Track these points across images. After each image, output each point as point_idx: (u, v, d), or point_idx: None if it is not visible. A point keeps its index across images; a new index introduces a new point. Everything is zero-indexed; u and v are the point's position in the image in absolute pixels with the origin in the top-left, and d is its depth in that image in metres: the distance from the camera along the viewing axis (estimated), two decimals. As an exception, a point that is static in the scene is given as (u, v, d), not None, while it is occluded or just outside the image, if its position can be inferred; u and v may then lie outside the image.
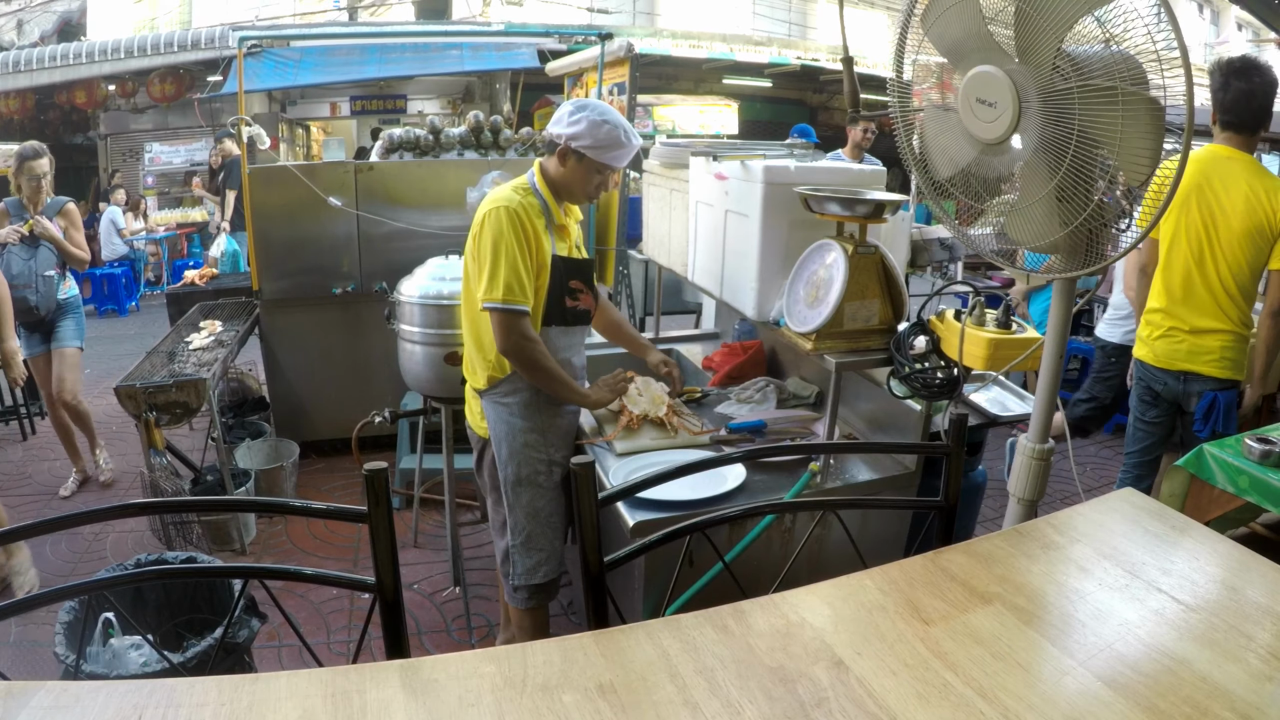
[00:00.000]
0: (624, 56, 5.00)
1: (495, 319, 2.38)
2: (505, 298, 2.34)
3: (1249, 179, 2.95)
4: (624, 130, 2.40)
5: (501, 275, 2.33)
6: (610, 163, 2.44)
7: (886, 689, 1.07)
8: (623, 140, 2.40)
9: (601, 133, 2.37)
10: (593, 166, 2.44)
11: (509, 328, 2.37)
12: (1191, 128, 1.49)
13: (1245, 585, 1.29)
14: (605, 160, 2.42)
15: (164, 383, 3.63)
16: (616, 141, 2.39)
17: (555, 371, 2.45)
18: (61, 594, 1.44)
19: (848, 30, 2.42)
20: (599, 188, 2.53)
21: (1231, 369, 3.07)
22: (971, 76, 1.79)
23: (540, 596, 2.64)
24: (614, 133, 2.38)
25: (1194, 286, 3.08)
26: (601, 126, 2.37)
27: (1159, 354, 3.22)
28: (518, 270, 2.34)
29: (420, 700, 1.04)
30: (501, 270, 2.34)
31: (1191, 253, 3.08)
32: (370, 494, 1.28)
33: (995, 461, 4.87)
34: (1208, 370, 3.08)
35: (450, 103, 13.14)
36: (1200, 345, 3.09)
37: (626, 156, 2.46)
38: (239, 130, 4.67)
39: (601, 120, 2.37)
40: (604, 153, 2.40)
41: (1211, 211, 3.00)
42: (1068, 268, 1.82)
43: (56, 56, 10.73)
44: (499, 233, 2.35)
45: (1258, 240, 2.96)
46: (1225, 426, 3.05)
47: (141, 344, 7.08)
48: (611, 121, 2.38)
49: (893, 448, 2.65)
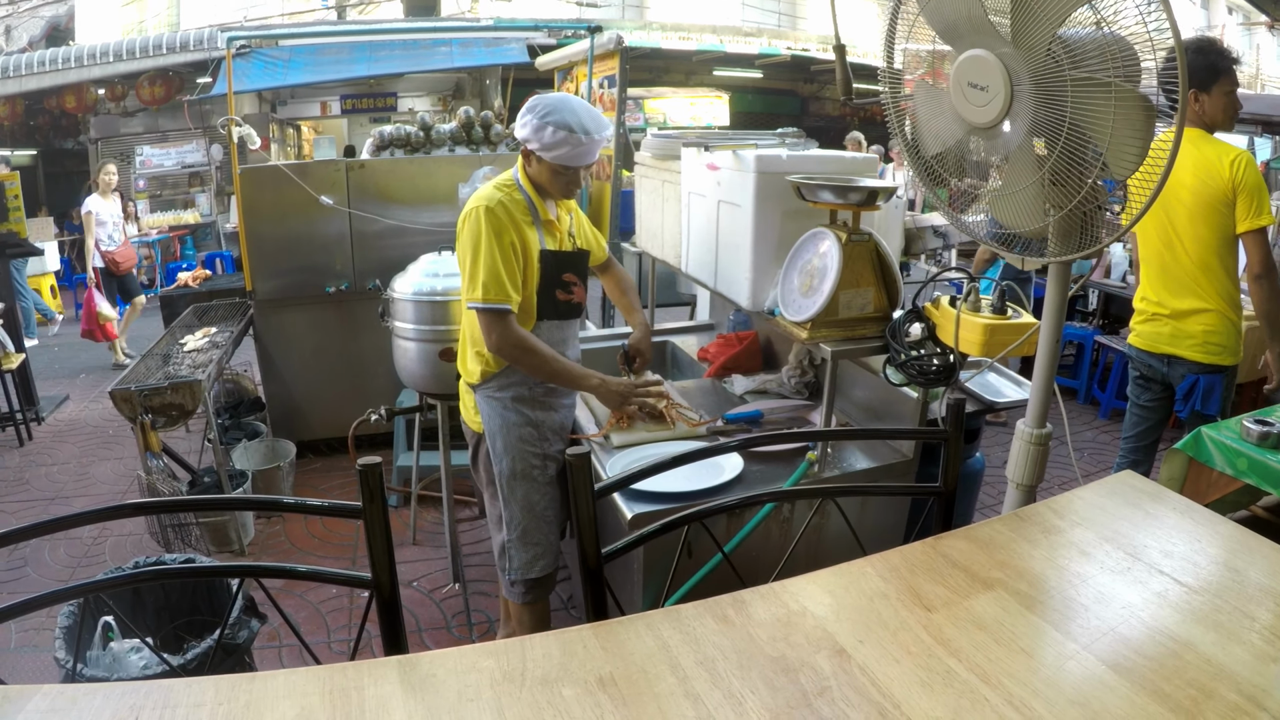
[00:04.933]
0: (613, 50, 4.98)
1: (480, 319, 2.38)
2: (485, 297, 2.33)
3: (1194, 150, 2.92)
4: (572, 129, 2.31)
5: (480, 275, 2.33)
6: (565, 163, 2.37)
7: (890, 677, 1.06)
8: (571, 140, 2.32)
9: (546, 135, 2.31)
10: (552, 167, 2.40)
11: (491, 327, 2.37)
12: (1185, 114, 1.49)
13: (1247, 566, 1.29)
14: (560, 161, 2.36)
15: (159, 385, 3.61)
16: (564, 141, 2.32)
17: (551, 360, 2.44)
18: (59, 596, 1.43)
19: (838, 19, 2.40)
20: (569, 185, 2.47)
21: (1216, 353, 3.05)
22: (963, 60, 1.78)
23: (538, 591, 2.64)
24: (559, 134, 2.30)
25: (1167, 268, 3.10)
26: (545, 129, 2.31)
27: (1144, 338, 3.24)
28: (495, 269, 2.33)
29: (419, 696, 1.03)
30: (480, 270, 2.33)
31: (1158, 235, 3.09)
32: (364, 489, 1.27)
33: (993, 449, 4.87)
34: (1190, 355, 3.09)
35: (441, 99, 13.11)
36: (1182, 329, 3.10)
37: (585, 154, 2.38)
38: (229, 131, 4.64)
39: (544, 122, 2.31)
40: (554, 154, 2.35)
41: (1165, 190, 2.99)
42: (1060, 252, 1.82)
43: (45, 61, 10.70)
44: (476, 233, 2.34)
45: (1217, 209, 2.93)
46: (1204, 406, 3.06)
47: (136, 347, 7.09)
48: (556, 122, 2.31)
49: (891, 433, 2.65)
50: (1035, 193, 1.72)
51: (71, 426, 5.94)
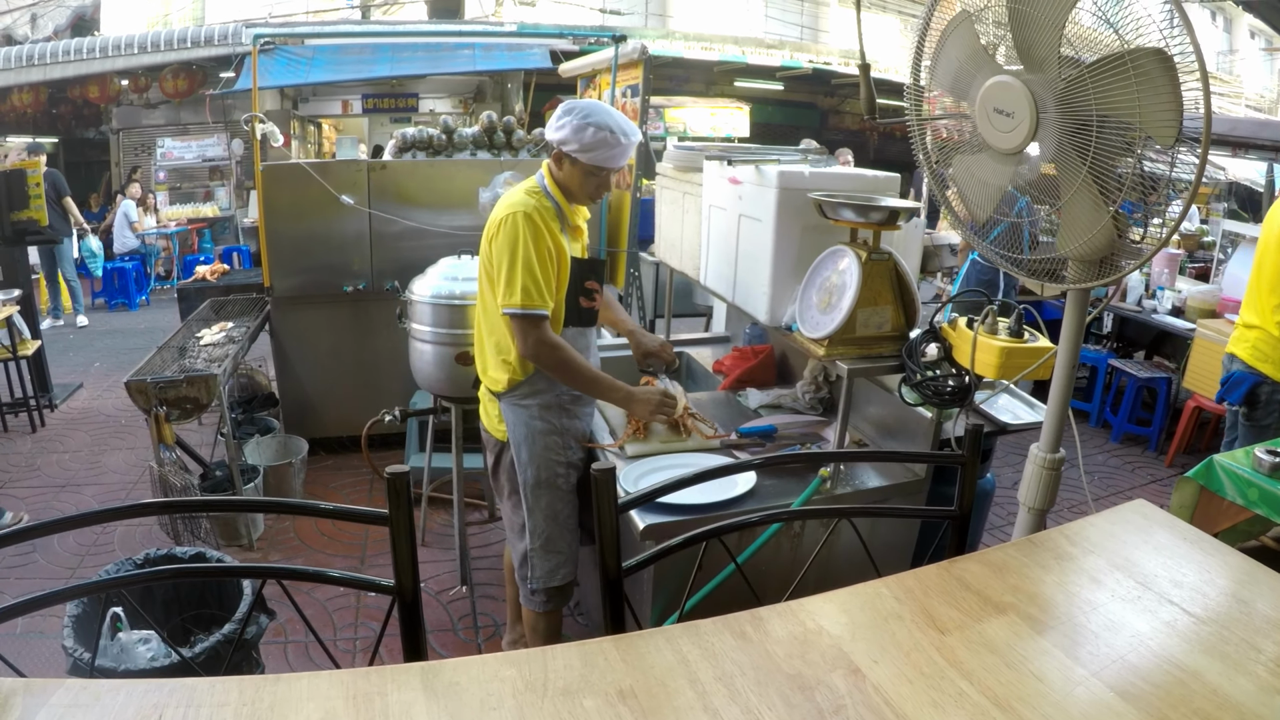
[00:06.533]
0: (638, 59, 5.00)
1: (516, 325, 2.37)
2: (524, 303, 2.33)
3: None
4: (612, 130, 2.35)
5: (519, 280, 2.32)
6: (602, 164, 2.40)
7: (903, 697, 1.08)
8: (611, 140, 2.35)
9: (587, 136, 2.33)
10: (586, 169, 2.41)
11: (527, 333, 2.36)
12: (1209, 131, 1.50)
13: (1255, 598, 1.30)
14: (597, 162, 2.39)
15: (175, 378, 3.64)
16: (604, 143, 2.35)
17: (585, 368, 2.45)
18: (73, 592, 1.45)
19: (863, 36, 2.42)
20: (599, 188, 2.49)
21: (1257, 359, 3.32)
22: (986, 88, 1.80)
23: (558, 599, 2.65)
24: (600, 135, 2.33)
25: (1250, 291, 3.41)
26: (586, 130, 2.33)
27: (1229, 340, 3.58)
28: (535, 275, 2.33)
29: (442, 703, 1.05)
30: (519, 275, 2.32)
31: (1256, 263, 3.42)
32: (392, 496, 1.29)
33: (1004, 470, 4.88)
34: (1240, 353, 3.41)
35: (461, 102, 13.15)
36: (1243, 335, 3.42)
37: (621, 156, 2.41)
38: (252, 127, 4.68)
39: (585, 123, 2.33)
40: (593, 155, 2.36)
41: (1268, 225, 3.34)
42: (1080, 279, 1.83)
43: (70, 51, 10.77)
44: (515, 238, 2.33)
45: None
46: (1227, 397, 3.45)
47: (151, 339, 7.14)
48: (597, 123, 2.34)
49: (908, 457, 2.66)
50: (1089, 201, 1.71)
51: (84, 415, 5.98)
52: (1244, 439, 3.38)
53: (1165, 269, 6.02)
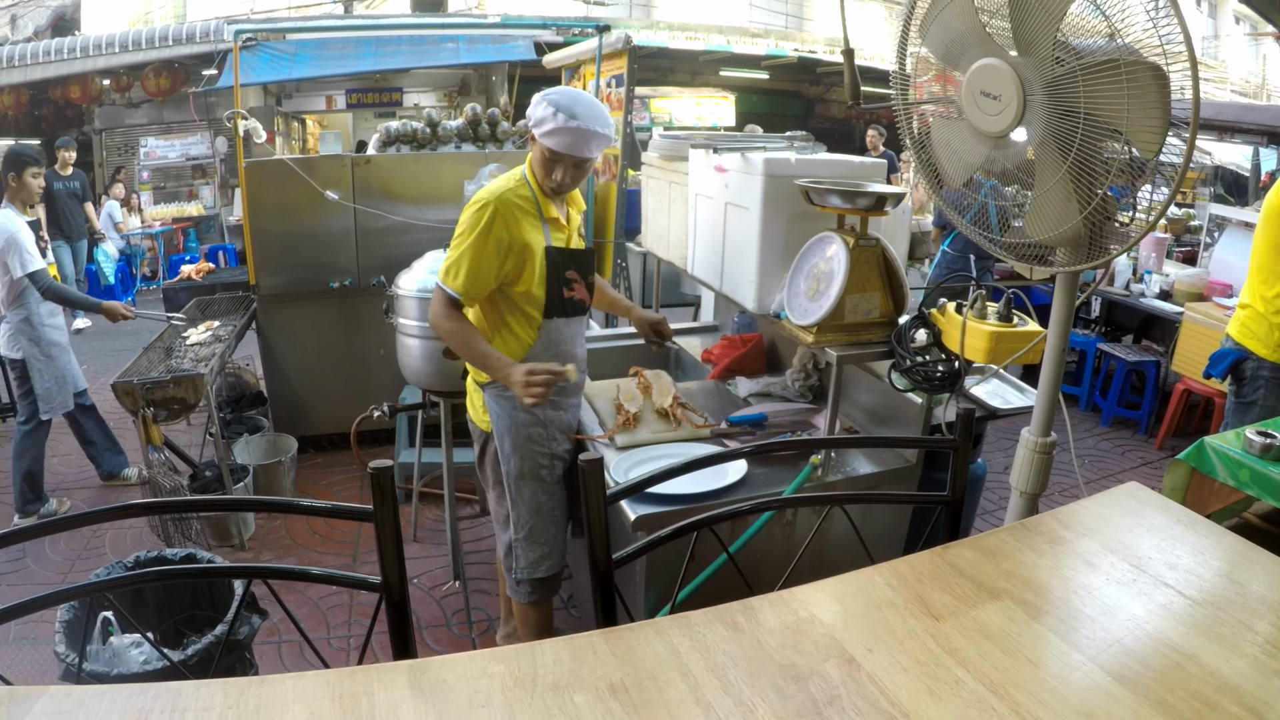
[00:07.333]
0: (622, 49, 4.97)
1: (435, 293, 2.44)
2: (443, 278, 2.40)
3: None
4: (560, 109, 2.26)
5: (451, 257, 2.40)
6: (556, 148, 2.31)
7: (898, 685, 1.07)
8: (556, 120, 2.26)
9: (538, 111, 2.30)
10: (542, 153, 2.36)
11: (433, 303, 2.44)
12: (1197, 118, 1.49)
13: (1249, 579, 1.30)
14: (550, 145, 2.31)
15: (161, 378, 3.62)
16: (550, 119, 2.27)
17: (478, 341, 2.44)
18: (63, 596, 1.43)
19: (847, 22, 2.40)
20: (567, 178, 2.41)
21: (1244, 335, 3.36)
22: (974, 70, 1.78)
23: (544, 590, 2.64)
24: (547, 110, 2.27)
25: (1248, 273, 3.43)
26: (540, 104, 2.30)
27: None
28: (467, 260, 2.36)
29: (430, 701, 1.04)
30: (453, 254, 2.40)
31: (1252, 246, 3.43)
32: (376, 492, 1.27)
33: (994, 454, 4.88)
34: (1231, 331, 3.45)
35: (446, 95, 13.07)
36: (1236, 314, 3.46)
37: (577, 144, 2.31)
38: (235, 124, 4.64)
39: (543, 99, 2.31)
40: (546, 136, 2.30)
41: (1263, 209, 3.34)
42: (1069, 262, 1.82)
43: (50, 51, 10.66)
44: (470, 223, 2.37)
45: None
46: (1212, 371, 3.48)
47: (138, 339, 7.05)
48: (553, 100, 2.28)
49: (899, 442, 2.65)
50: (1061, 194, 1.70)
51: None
52: (1232, 416, 3.43)
53: (1153, 253, 6.04)
